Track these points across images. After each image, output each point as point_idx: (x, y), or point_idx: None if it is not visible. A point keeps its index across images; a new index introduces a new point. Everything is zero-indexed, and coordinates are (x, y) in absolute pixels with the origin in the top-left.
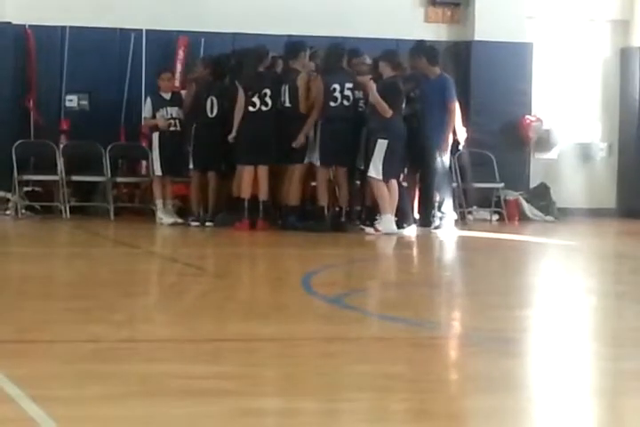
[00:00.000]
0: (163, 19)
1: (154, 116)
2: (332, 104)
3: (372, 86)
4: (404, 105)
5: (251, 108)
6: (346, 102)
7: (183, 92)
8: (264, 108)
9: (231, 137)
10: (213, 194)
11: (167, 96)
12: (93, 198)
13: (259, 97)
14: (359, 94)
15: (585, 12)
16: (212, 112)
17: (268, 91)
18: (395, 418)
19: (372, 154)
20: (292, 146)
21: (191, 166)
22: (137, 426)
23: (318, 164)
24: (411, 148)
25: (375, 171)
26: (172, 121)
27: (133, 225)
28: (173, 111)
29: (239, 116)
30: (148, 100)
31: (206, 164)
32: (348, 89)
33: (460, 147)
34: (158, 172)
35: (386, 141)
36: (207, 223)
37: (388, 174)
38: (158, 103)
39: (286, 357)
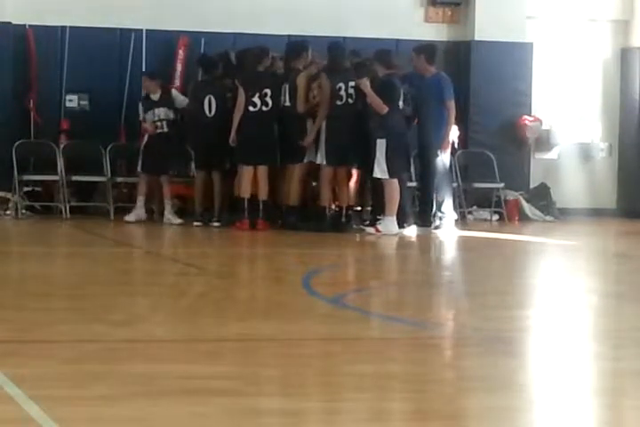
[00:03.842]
0: (163, 19)
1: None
2: (339, 103)
3: (367, 84)
4: (401, 102)
5: (251, 108)
6: (350, 100)
7: (173, 92)
8: (264, 109)
9: (231, 140)
10: (219, 194)
11: (155, 97)
12: (93, 198)
13: (259, 97)
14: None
15: (585, 12)
16: (210, 111)
17: (268, 91)
18: (394, 418)
19: (375, 154)
20: (292, 145)
21: (193, 166)
22: (137, 426)
23: (324, 163)
24: (409, 147)
25: (380, 171)
26: (159, 123)
27: (133, 225)
28: (161, 113)
29: (238, 117)
30: (140, 103)
31: (209, 163)
32: (351, 87)
33: (456, 146)
34: (139, 168)
35: (384, 140)
36: (215, 223)
37: (391, 173)
38: (147, 105)
39: (286, 357)
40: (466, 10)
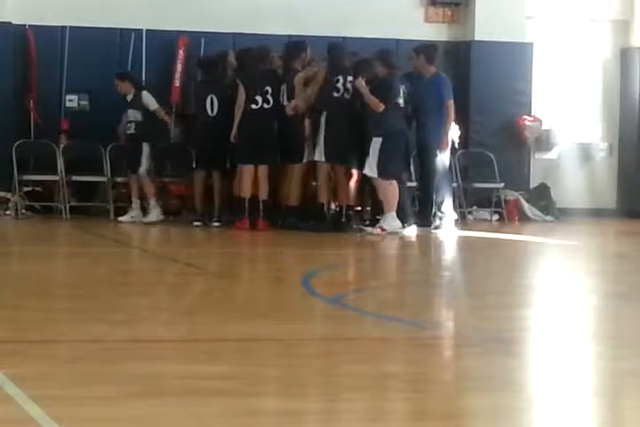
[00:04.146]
0: (163, 19)
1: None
2: (335, 95)
3: (362, 83)
4: (400, 100)
5: (253, 106)
6: (347, 95)
7: (144, 93)
8: (266, 106)
9: (233, 136)
10: (219, 194)
11: (129, 98)
12: (93, 198)
13: (260, 94)
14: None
15: (585, 12)
16: (212, 111)
17: (269, 88)
18: (394, 418)
19: (368, 152)
20: (291, 145)
21: (194, 166)
22: (137, 426)
23: (323, 159)
24: (408, 146)
25: (370, 169)
26: (129, 124)
27: (133, 225)
28: (131, 114)
29: (239, 114)
30: None
31: (210, 163)
32: (350, 82)
33: (456, 145)
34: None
35: (380, 139)
36: (215, 223)
37: (385, 173)
38: (124, 106)
39: (286, 357)
40: (466, 10)
